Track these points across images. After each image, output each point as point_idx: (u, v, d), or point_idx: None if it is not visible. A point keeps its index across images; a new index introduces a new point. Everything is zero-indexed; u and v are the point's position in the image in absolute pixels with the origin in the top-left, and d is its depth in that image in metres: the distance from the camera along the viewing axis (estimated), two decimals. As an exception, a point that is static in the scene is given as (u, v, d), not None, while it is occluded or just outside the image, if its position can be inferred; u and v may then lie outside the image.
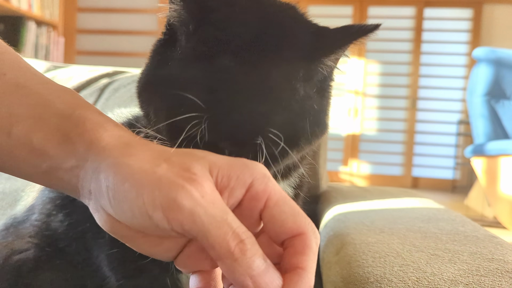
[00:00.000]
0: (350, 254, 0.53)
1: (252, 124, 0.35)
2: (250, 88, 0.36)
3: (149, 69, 0.42)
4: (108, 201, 0.30)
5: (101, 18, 3.66)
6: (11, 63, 0.36)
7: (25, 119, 0.33)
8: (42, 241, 0.53)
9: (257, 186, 0.31)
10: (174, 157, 0.31)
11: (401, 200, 0.89)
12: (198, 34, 0.38)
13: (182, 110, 0.34)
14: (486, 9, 4.94)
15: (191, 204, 0.28)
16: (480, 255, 0.51)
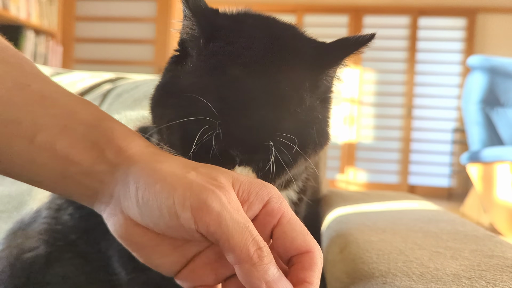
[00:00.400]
0: (354, 252, 0.54)
1: (264, 129, 0.37)
2: (260, 96, 0.38)
3: (162, 84, 0.44)
4: (136, 201, 0.32)
5: (99, 27, 3.69)
6: (35, 75, 0.38)
7: (50, 127, 0.35)
8: (52, 236, 0.53)
9: (273, 203, 0.34)
10: (201, 167, 0.34)
11: (400, 202, 0.90)
12: (210, 48, 0.40)
13: (195, 115, 0.36)
14: (479, 18, 5.01)
15: (219, 207, 0.30)
16: (480, 252, 0.52)
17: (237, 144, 0.37)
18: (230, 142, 0.36)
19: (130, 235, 0.34)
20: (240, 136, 0.36)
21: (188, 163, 0.34)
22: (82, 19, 3.69)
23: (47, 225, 0.54)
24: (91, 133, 0.35)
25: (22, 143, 0.34)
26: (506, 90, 2.88)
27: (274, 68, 0.39)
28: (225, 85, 0.37)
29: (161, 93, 0.43)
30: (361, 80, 5.13)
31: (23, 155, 0.35)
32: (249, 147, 0.37)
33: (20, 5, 3.06)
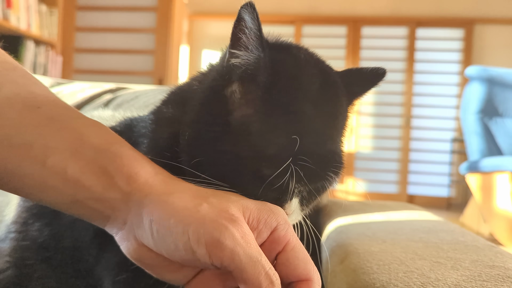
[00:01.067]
0: (354, 263, 0.54)
1: (334, 163, 0.41)
2: (330, 134, 0.42)
3: (211, 121, 0.41)
4: (150, 234, 0.33)
5: (99, 37, 3.71)
6: (44, 96, 0.38)
7: (60, 151, 0.35)
8: (20, 257, 0.52)
9: (280, 231, 0.35)
10: (211, 197, 0.34)
11: (400, 212, 0.90)
12: (278, 86, 0.40)
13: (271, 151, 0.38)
14: (477, 29, 5.05)
15: (233, 244, 0.32)
16: (481, 262, 0.52)
17: (310, 180, 0.40)
18: (305, 179, 0.39)
19: (143, 258, 0.35)
20: (315, 173, 0.39)
21: (198, 193, 0.35)
22: (82, 29, 3.71)
23: (15, 241, 0.53)
24: (101, 158, 0.35)
25: (34, 165, 0.35)
26: (504, 100, 2.89)
27: (333, 105, 0.44)
28: (301, 125, 0.39)
29: (214, 123, 0.40)
30: (359, 90, 5.14)
31: (34, 177, 0.35)
32: (315, 178, 0.40)
33: (20, 16, 3.08)
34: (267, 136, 0.38)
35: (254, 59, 0.41)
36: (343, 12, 5.11)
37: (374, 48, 5.10)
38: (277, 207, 0.37)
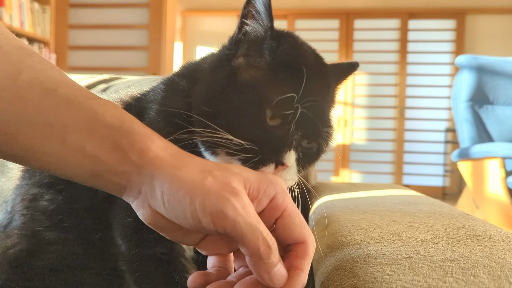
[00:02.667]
0: (334, 229, 0.57)
1: (324, 120, 0.49)
2: (322, 94, 0.50)
3: (224, 78, 0.49)
4: (162, 204, 0.37)
5: (92, 34, 3.72)
6: (60, 80, 0.41)
7: (78, 130, 0.39)
8: (30, 228, 0.56)
9: (278, 199, 0.39)
10: (215, 171, 0.38)
11: (385, 190, 0.94)
12: (281, 50, 0.49)
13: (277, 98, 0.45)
14: (468, 19, 5.09)
15: (234, 214, 0.35)
16: (452, 225, 0.56)
17: (306, 128, 0.46)
18: (301, 125, 0.46)
19: (157, 223, 0.39)
20: (310, 122, 0.46)
21: (204, 167, 0.39)
22: (75, 27, 3.72)
23: (23, 217, 0.57)
24: (114, 135, 0.39)
25: (55, 144, 0.39)
26: (494, 88, 2.93)
27: (326, 77, 0.52)
28: (301, 82, 0.46)
29: (228, 81, 0.48)
30: (352, 82, 5.19)
31: (56, 154, 0.39)
32: (313, 132, 0.47)
33: (13, 14, 3.10)
34: (272, 88, 0.46)
35: (263, 28, 0.49)
36: (335, 6, 5.14)
37: (367, 40, 5.14)
38: (276, 178, 0.41)
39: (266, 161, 0.45)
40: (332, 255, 0.48)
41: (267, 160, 0.45)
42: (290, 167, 0.46)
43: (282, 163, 0.45)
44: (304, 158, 0.49)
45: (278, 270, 0.37)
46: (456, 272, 0.37)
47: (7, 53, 0.40)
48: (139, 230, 0.49)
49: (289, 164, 0.46)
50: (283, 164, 0.45)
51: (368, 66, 5.18)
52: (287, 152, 0.45)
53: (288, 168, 0.46)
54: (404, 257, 0.41)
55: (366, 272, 0.39)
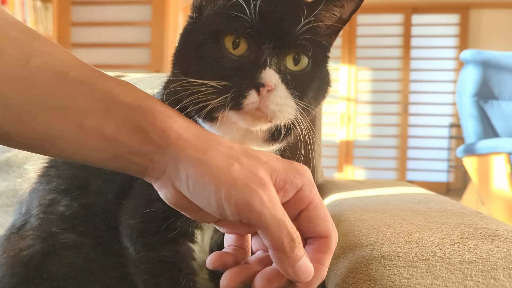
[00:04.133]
0: (345, 228, 0.57)
1: (289, 25, 0.44)
2: (282, 6, 0.44)
3: (185, 36, 0.48)
4: (186, 187, 0.36)
5: (95, 31, 3.71)
6: (71, 62, 0.40)
7: (94, 112, 0.37)
8: (46, 230, 0.55)
9: (304, 191, 0.38)
10: (242, 157, 0.37)
11: (393, 188, 0.93)
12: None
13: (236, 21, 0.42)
14: (472, 13, 5.05)
15: (260, 206, 0.34)
16: (465, 225, 0.55)
17: (273, 36, 0.42)
18: (264, 35, 0.42)
19: (180, 203, 0.38)
20: (276, 27, 0.42)
21: (230, 152, 0.37)
22: (77, 24, 3.71)
23: (40, 220, 0.56)
24: (133, 115, 0.37)
25: (72, 128, 0.37)
26: (499, 83, 2.90)
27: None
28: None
29: (193, 27, 0.47)
30: (356, 78, 5.16)
31: (74, 139, 0.38)
32: (284, 39, 0.43)
33: (15, 12, 3.09)
34: (222, 17, 0.43)
35: None
36: (338, 1, 5.11)
37: (370, 35, 5.11)
38: (304, 168, 0.39)
39: (243, 90, 0.40)
40: (345, 257, 0.47)
41: (244, 89, 0.40)
42: (277, 89, 0.42)
43: (262, 84, 0.40)
44: (295, 80, 0.44)
45: (303, 263, 0.36)
46: (475, 275, 0.36)
47: (14, 38, 0.39)
48: (143, 232, 0.49)
49: (270, 83, 0.41)
50: (263, 84, 0.40)
51: (372, 62, 5.15)
52: (262, 71, 0.41)
53: (275, 91, 0.41)
54: (420, 259, 0.40)
55: (383, 276, 0.38)
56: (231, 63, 0.42)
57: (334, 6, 0.48)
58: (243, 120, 0.43)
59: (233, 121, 0.43)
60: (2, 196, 0.83)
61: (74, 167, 0.56)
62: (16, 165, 0.85)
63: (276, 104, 0.42)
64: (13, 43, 0.39)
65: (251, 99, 0.41)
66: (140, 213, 0.48)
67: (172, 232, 0.48)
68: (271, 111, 0.42)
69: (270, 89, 0.41)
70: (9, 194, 0.83)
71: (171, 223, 0.48)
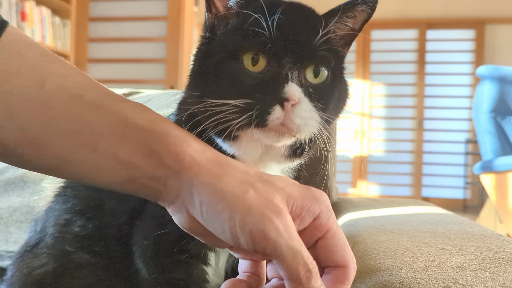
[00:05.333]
0: (362, 251, 0.55)
1: (307, 40, 0.43)
2: (299, 24, 0.44)
3: (201, 57, 0.47)
4: (200, 213, 0.35)
5: (111, 47, 3.77)
6: (86, 84, 0.40)
7: (108, 135, 0.37)
8: (60, 248, 0.55)
9: (322, 218, 0.37)
10: (257, 183, 0.36)
11: (409, 207, 0.91)
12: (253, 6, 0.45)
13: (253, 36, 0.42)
14: (488, 29, 5.01)
15: (276, 236, 0.33)
16: (486, 248, 0.53)
17: (292, 50, 0.42)
18: (283, 49, 0.42)
19: (193, 228, 0.38)
20: (294, 42, 0.42)
21: (245, 177, 0.36)
22: (94, 40, 3.78)
23: (55, 239, 0.55)
24: (147, 138, 0.37)
25: (86, 151, 0.37)
26: (517, 99, 2.86)
27: (302, 13, 0.47)
28: (272, 19, 0.42)
29: (208, 49, 0.46)
30: (370, 93, 5.14)
31: (88, 162, 0.37)
32: (303, 52, 0.43)
33: (35, 28, 3.15)
34: (239, 35, 0.43)
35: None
36: (352, 16, 5.12)
37: (384, 51, 5.10)
38: (321, 194, 0.38)
39: (267, 106, 0.40)
40: (362, 281, 0.46)
41: (268, 105, 0.40)
42: (301, 103, 0.41)
43: (286, 99, 0.40)
44: (317, 93, 0.43)
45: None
46: (500, 305, 0.34)
47: (31, 61, 0.39)
48: (156, 253, 0.48)
49: (294, 97, 0.40)
50: (287, 99, 0.40)
51: (386, 77, 5.12)
52: (285, 86, 0.41)
53: (299, 104, 0.41)
54: (441, 287, 0.39)
55: (402, 304, 0.36)
56: (252, 80, 0.42)
57: (346, 17, 0.48)
58: (267, 136, 0.42)
59: (256, 138, 0.43)
60: (17, 212, 0.84)
61: (89, 188, 0.56)
62: (31, 181, 0.86)
63: (301, 118, 0.41)
64: (30, 65, 0.39)
65: (276, 114, 0.40)
66: (153, 234, 0.48)
67: (184, 254, 0.47)
68: (296, 125, 0.41)
69: (294, 103, 0.41)
70: (23, 211, 0.83)
71: (184, 245, 0.47)
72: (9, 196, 0.86)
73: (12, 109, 0.37)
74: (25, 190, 0.84)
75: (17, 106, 0.37)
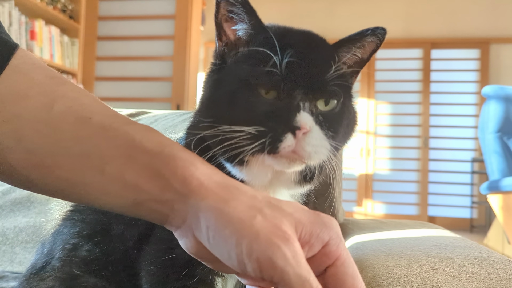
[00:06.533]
0: (369, 277, 0.54)
1: (318, 73, 0.44)
2: (311, 57, 0.45)
3: (213, 85, 0.48)
4: (207, 239, 0.35)
5: (118, 65, 3.81)
6: (94, 107, 0.40)
7: (115, 158, 0.37)
8: (67, 271, 0.54)
9: (331, 245, 0.36)
10: (265, 208, 0.35)
11: (417, 230, 0.90)
12: (262, 36, 0.46)
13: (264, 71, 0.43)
14: (493, 48, 5.03)
15: (284, 264, 0.32)
16: (497, 275, 0.52)
17: (304, 82, 0.43)
18: (295, 84, 0.43)
19: (200, 253, 0.37)
20: (306, 74, 0.43)
21: (253, 202, 0.36)
22: (102, 58, 3.82)
23: (62, 262, 0.55)
24: (154, 162, 0.37)
25: (94, 174, 0.37)
26: (523, 118, 2.85)
27: (309, 36, 0.49)
28: (283, 49, 0.43)
29: (219, 86, 0.47)
30: (375, 112, 5.14)
31: (95, 185, 0.37)
32: (315, 84, 0.44)
33: (43, 47, 3.20)
34: (252, 64, 0.44)
35: (251, 25, 0.47)
36: (357, 36, 5.15)
37: (389, 69, 5.12)
38: (331, 220, 0.37)
39: (280, 134, 0.41)
40: (371, 309, 0.45)
41: (280, 133, 0.41)
42: (312, 131, 0.42)
43: (298, 127, 0.41)
44: (328, 120, 0.44)
45: None
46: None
47: (40, 83, 0.39)
48: (163, 278, 0.48)
49: (306, 126, 0.41)
50: (299, 127, 0.41)
51: (391, 96, 5.14)
52: (297, 115, 0.42)
53: (310, 133, 0.42)
54: (452, 317, 0.38)
55: (413, 335, 0.36)
56: (264, 107, 0.42)
57: (356, 47, 0.50)
58: (279, 163, 0.43)
59: (267, 164, 0.43)
60: (22, 233, 0.84)
61: (97, 212, 0.56)
62: (37, 201, 0.86)
63: (312, 145, 0.42)
64: (39, 88, 0.39)
65: (288, 142, 0.41)
66: (161, 259, 0.48)
67: (192, 279, 0.47)
68: (307, 153, 0.42)
69: (305, 132, 0.41)
70: (29, 231, 0.83)
71: (191, 270, 0.47)
72: (15, 216, 0.86)
73: (20, 131, 0.38)
74: (32, 210, 0.85)
75: (25, 129, 0.38)
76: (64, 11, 3.43)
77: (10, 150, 0.37)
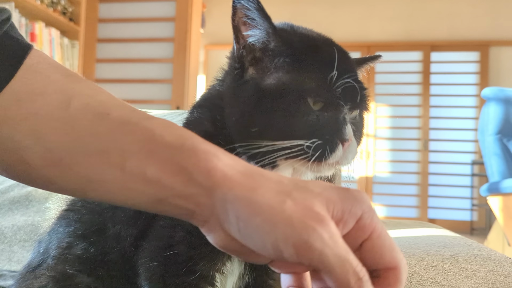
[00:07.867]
0: (368, 273, 0.54)
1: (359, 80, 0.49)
2: (348, 59, 0.52)
3: (248, 98, 0.48)
4: (237, 230, 0.34)
5: (118, 68, 3.82)
6: (111, 103, 0.39)
7: (136, 153, 0.36)
8: (60, 270, 0.54)
9: (365, 219, 0.34)
10: (294, 192, 0.34)
11: (416, 229, 0.90)
12: (292, 41, 0.49)
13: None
14: (492, 51, 5.03)
15: (321, 246, 0.31)
16: (496, 272, 0.52)
17: (351, 99, 0.47)
18: (347, 98, 0.47)
19: (230, 246, 0.36)
20: (353, 91, 0.47)
21: (281, 187, 0.34)
22: (102, 61, 3.83)
23: (56, 260, 0.55)
24: (176, 155, 0.36)
25: (114, 171, 0.36)
26: (522, 120, 2.85)
27: (341, 48, 0.52)
28: (330, 62, 0.47)
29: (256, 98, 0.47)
30: (375, 114, 5.14)
31: (116, 182, 0.36)
32: (357, 100, 0.48)
33: (43, 49, 3.21)
34: (305, 76, 0.46)
35: (264, 31, 0.48)
36: (357, 39, 5.17)
37: (389, 72, 5.13)
38: (361, 194, 0.36)
39: (333, 145, 0.45)
40: (369, 305, 0.45)
41: (334, 145, 0.45)
42: (352, 140, 0.47)
43: (347, 139, 0.45)
44: (356, 129, 0.49)
45: None
46: (512, 331, 0.33)
47: (56, 81, 0.39)
48: (163, 275, 0.47)
49: (352, 137, 0.46)
50: (347, 139, 0.45)
51: (390, 98, 5.14)
52: (346, 127, 0.46)
53: (352, 142, 0.46)
54: (450, 311, 0.38)
55: (411, 329, 0.36)
56: (314, 119, 0.45)
57: (363, 68, 0.58)
58: (321, 170, 0.46)
59: (305, 169, 0.46)
60: (21, 231, 0.83)
61: (92, 212, 0.55)
62: (35, 199, 0.86)
63: (352, 153, 0.47)
64: (55, 86, 0.39)
65: (339, 153, 0.45)
66: (161, 255, 0.47)
67: (192, 275, 0.47)
68: (348, 161, 0.47)
69: (350, 142, 0.46)
70: (27, 230, 0.83)
71: (192, 265, 0.46)
72: (13, 215, 0.86)
73: (38, 130, 0.37)
74: (30, 209, 0.84)
75: (43, 127, 0.37)
76: (64, 13, 3.44)
77: (28, 149, 0.37)
